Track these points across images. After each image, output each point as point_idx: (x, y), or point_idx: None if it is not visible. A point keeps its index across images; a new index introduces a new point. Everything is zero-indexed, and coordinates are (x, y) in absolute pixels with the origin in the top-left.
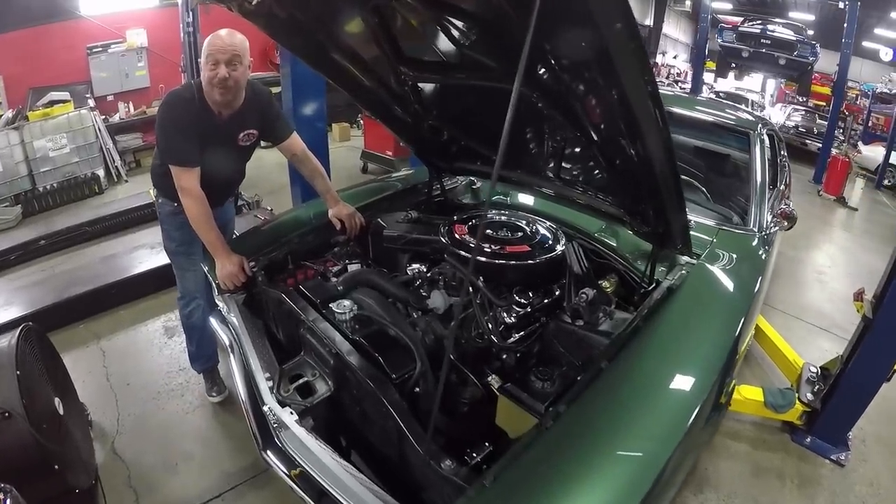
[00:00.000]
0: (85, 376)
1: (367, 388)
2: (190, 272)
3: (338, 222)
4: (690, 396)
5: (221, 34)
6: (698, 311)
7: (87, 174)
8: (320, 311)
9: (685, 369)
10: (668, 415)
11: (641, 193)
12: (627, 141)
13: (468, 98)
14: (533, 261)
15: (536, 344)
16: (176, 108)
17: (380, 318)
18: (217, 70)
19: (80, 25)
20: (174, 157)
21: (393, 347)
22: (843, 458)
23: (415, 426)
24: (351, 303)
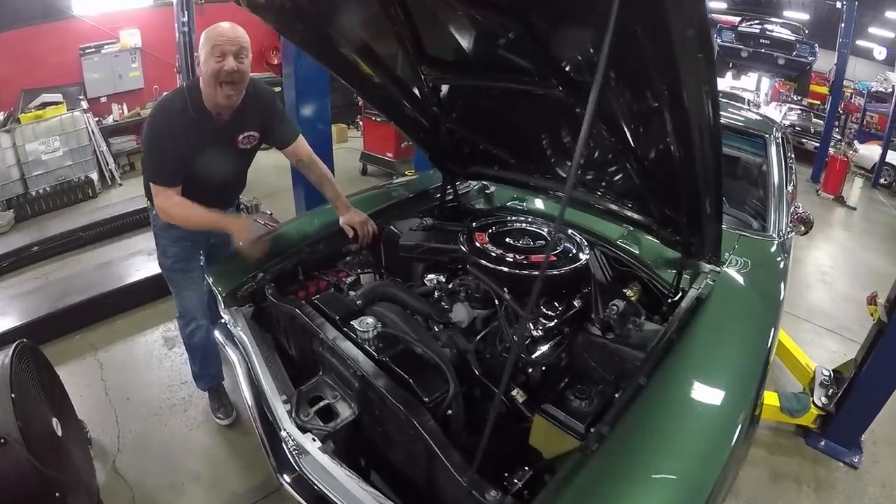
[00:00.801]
0: (82, 390)
1: (397, 413)
2: (189, 291)
3: (350, 230)
4: (733, 413)
5: (225, 26)
6: (730, 321)
7: (81, 178)
8: (341, 328)
9: (725, 384)
10: (712, 433)
11: (679, 203)
12: (676, 149)
13: (491, 100)
14: (559, 271)
15: (564, 357)
16: (164, 123)
17: (406, 336)
18: (225, 62)
19: (73, 26)
20: (154, 177)
21: (422, 368)
22: (856, 461)
23: (453, 454)
24: (374, 320)
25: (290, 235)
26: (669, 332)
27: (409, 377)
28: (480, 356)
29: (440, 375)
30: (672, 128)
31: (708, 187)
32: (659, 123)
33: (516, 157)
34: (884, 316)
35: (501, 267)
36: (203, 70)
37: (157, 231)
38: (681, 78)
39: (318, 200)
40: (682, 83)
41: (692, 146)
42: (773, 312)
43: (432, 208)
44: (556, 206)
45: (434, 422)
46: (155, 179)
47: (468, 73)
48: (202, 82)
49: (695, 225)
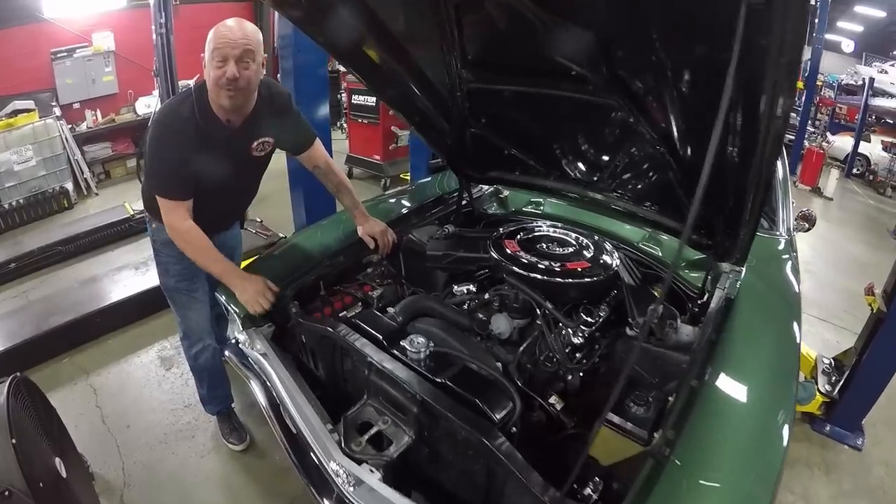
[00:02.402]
0: (77, 419)
1: (467, 436)
2: (193, 311)
3: (370, 240)
4: (781, 410)
5: (229, 24)
6: (761, 320)
7: (56, 188)
8: (389, 350)
9: (770, 383)
10: (768, 433)
11: (721, 208)
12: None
13: (526, 106)
14: (595, 277)
15: (603, 363)
16: (171, 129)
17: (459, 354)
18: (225, 68)
19: (44, 29)
20: (162, 190)
21: (484, 387)
22: (859, 443)
23: (532, 474)
24: (425, 339)
25: (307, 247)
26: (707, 333)
27: (475, 398)
28: (522, 367)
29: (503, 392)
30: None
31: (758, 193)
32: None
33: (543, 161)
34: (883, 306)
35: (538, 275)
36: (206, 73)
37: (157, 248)
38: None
39: (318, 206)
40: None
41: (754, 153)
42: (795, 308)
43: (448, 214)
44: (576, 211)
45: (508, 442)
46: (164, 192)
47: (515, 80)
48: (209, 88)
49: (732, 229)
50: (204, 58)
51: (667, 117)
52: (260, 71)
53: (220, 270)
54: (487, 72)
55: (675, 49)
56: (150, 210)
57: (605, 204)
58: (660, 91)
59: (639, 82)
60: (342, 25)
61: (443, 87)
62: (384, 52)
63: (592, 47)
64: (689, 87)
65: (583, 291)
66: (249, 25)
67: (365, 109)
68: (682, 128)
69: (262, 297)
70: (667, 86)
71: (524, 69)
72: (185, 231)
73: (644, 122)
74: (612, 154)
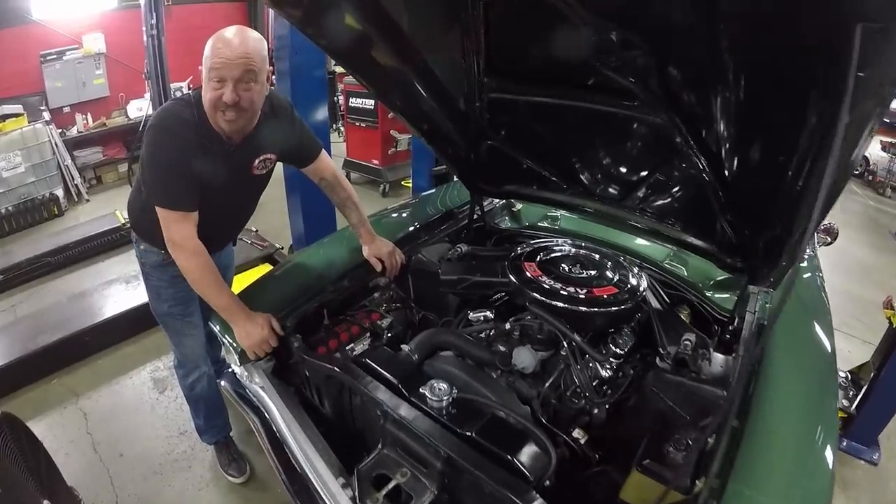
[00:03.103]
0: (67, 446)
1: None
2: (189, 337)
3: (377, 262)
4: (827, 445)
5: (228, 36)
6: (798, 345)
7: (45, 195)
8: (408, 397)
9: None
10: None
11: (764, 231)
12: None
13: (552, 118)
14: (623, 305)
15: (632, 396)
16: (172, 136)
17: (486, 401)
18: (222, 90)
19: (32, 31)
20: (166, 200)
21: (516, 440)
22: (875, 458)
23: None
24: (447, 386)
25: (308, 270)
26: (743, 363)
27: (507, 454)
28: (546, 402)
29: (537, 445)
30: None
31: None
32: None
33: (565, 176)
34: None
35: (562, 303)
36: (203, 91)
37: (147, 271)
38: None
39: (316, 214)
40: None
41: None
42: (828, 328)
43: (459, 230)
44: (595, 226)
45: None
46: (167, 202)
47: (545, 90)
48: (204, 102)
49: (773, 253)
50: (202, 71)
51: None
52: (264, 89)
53: (222, 305)
54: (514, 80)
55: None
56: (138, 229)
57: (630, 221)
58: (719, 111)
59: (695, 100)
60: (348, 26)
61: (459, 95)
62: (395, 57)
63: (647, 59)
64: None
65: (610, 320)
66: (252, 37)
67: (363, 112)
68: (738, 150)
69: (265, 345)
70: (729, 105)
71: (558, 79)
72: (192, 252)
73: (692, 142)
74: (646, 172)
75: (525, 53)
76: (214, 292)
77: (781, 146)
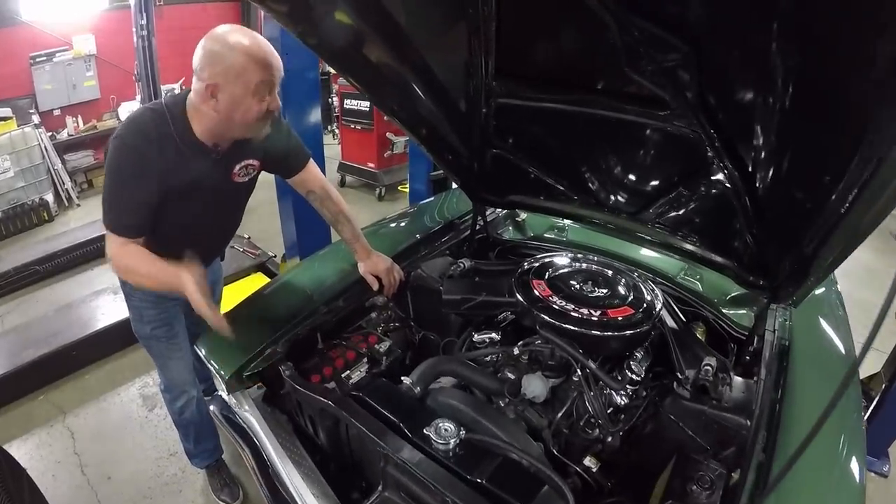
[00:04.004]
0: (53, 468)
1: None
2: (174, 360)
3: (374, 280)
4: (858, 476)
5: (260, 44)
6: (822, 371)
7: (35, 200)
8: (411, 439)
9: (843, 450)
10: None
11: (794, 250)
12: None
13: (570, 127)
14: (640, 328)
15: (648, 423)
16: (135, 155)
17: (497, 443)
18: (272, 100)
19: (22, 32)
20: (114, 222)
21: (531, 487)
22: (885, 470)
23: None
24: (454, 426)
25: (300, 289)
26: (766, 389)
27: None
28: (557, 432)
29: (554, 490)
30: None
31: (852, 243)
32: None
33: (576, 187)
34: None
35: (575, 327)
36: (233, 110)
37: (128, 291)
38: None
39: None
40: None
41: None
42: (849, 344)
43: (460, 243)
44: (604, 238)
45: None
46: (115, 227)
47: (561, 96)
48: (217, 121)
49: (801, 272)
50: (216, 86)
51: (757, 151)
52: None
53: (168, 279)
54: (526, 84)
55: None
56: None
57: (644, 234)
58: (760, 123)
59: (734, 110)
60: (341, 24)
61: (463, 100)
62: (393, 57)
63: (686, 64)
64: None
65: (626, 343)
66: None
67: (358, 114)
68: (776, 164)
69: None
70: (772, 117)
71: (578, 84)
72: (125, 255)
73: (724, 154)
74: (667, 184)
75: (541, 54)
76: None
77: (829, 166)
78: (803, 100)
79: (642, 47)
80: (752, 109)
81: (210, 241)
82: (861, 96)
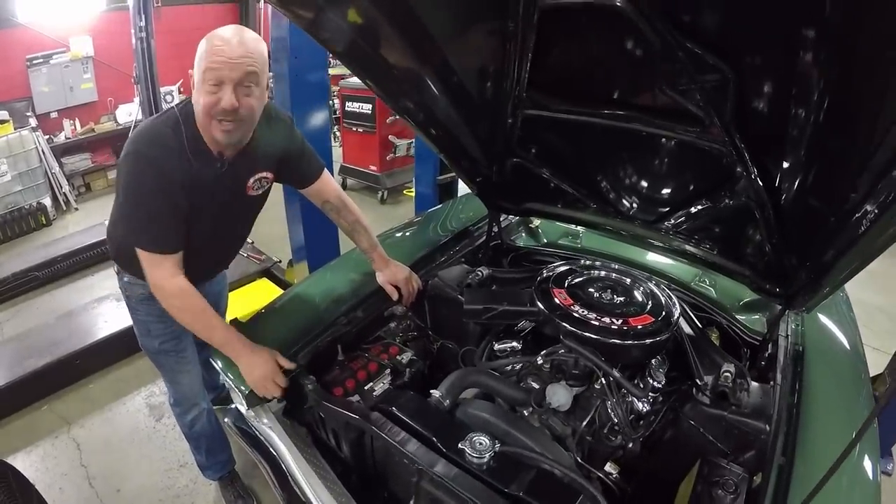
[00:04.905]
0: (60, 481)
1: None
2: (184, 374)
3: (393, 290)
4: (872, 474)
5: (226, 36)
6: (835, 374)
7: (33, 204)
8: (445, 453)
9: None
10: None
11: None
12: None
13: (595, 139)
14: (660, 337)
15: (668, 429)
16: (151, 164)
17: (531, 454)
18: (219, 94)
19: (18, 34)
20: (145, 240)
21: (567, 496)
22: (889, 468)
23: None
24: (489, 440)
25: (317, 300)
26: (783, 393)
27: None
28: (580, 439)
29: (587, 497)
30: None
31: (872, 252)
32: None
33: (595, 196)
34: None
35: (597, 335)
36: (194, 96)
37: (133, 304)
38: None
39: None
40: None
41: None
42: (859, 346)
43: (475, 250)
44: (617, 244)
45: None
46: (148, 244)
47: (591, 110)
48: (195, 110)
49: (817, 281)
50: (192, 76)
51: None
52: (265, 96)
53: (222, 340)
54: (558, 98)
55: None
56: (120, 259)
57: (660, 243)
58: (791, 139)
59: (768, 127)
60: (369, 34)
61: (489, 109)
62: (421, 63)
63: (724, 83)
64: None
65: (646, 351)
66: (251, 36)
67: (360, 117)
68: (804, 178)
69: (270, 383)
70: (804, 134)
71: (611, 100)
72: (176, 293)
73: (753, 169)
74: (691, 195)
75: (577, 69)
76: (210, 331)
77: (854, 182)
78: (835, 117)
79: (683, 66)
80: (784, 126)
81: (220, 254)
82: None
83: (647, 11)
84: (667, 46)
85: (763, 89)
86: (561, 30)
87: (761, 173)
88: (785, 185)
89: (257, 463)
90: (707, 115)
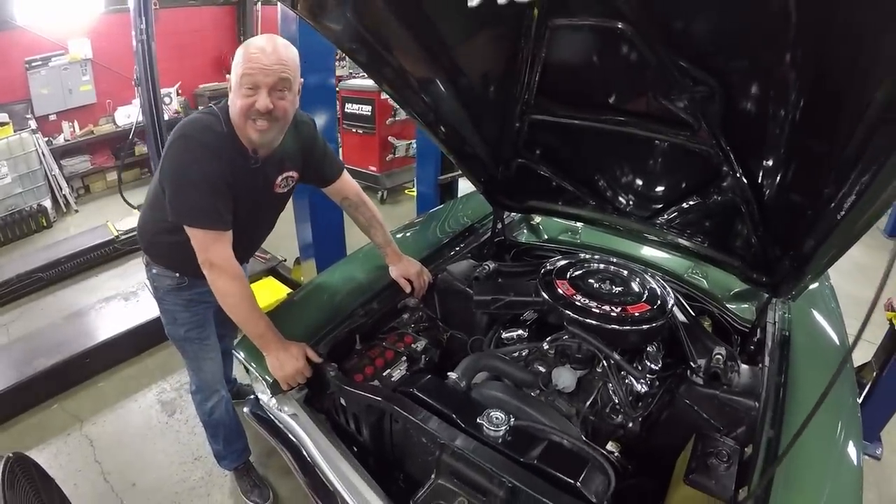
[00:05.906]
0: (75, 477)
1: None
2: (207, 361)
3: (406, 283)
4: (855, 450)
5: (261, 44)
6: (820, 354)
7: (33, 206)
8: (464, 428)
9: (842, 420)
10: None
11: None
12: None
13: (596, 142)
14: (656, 322)
15: (666, 409)
16: (203, 146)
17: (542, 427)
18: (255, 97)
19: (17, 37)
20: (200, 219)
21: (577, 464)
22: (878, 453)
23: None
24: (504, 415)
25: (335, 293)
26: (770, 373)
27: (571, 479)
28: (584, 419)
29: (596, 468)
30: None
31: (849, 241)
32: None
33: (595, 194)
34: None
35: (599, 322)
36: (231, 98)
37: (161, 295)
38: None
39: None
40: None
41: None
42: (842, 334)
43: (480, 246)
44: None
45: None
46: (203, 221)
47: (592, 115)
48: (231, 112)
49: (800, 270)
50: (230, 80)
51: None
52: (297, 100)
53: (258, 333)
54: (563, 103)
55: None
56: (152, 252)
57: (655, 237)
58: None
59: (750, 132)
60: (392, 46)
61: (497, 111)
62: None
63: (712, 95)
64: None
65: (643, 337)
66: (283, 43)
67: (359, 118)
68: (784, 175)
69: (300, 376)
70: (782, 136)
71: (611, 107)
72: (232, 275)
73: (737, 168)
74: (682, 193)
75: (583, 80)
76: (252, 320)
77: (830, 175)
78: (809, 122)
79: (675, 79)
80: (765, 130)
81: (243, 249)
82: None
83: (645, 32)
84: (661, 62)
85: (745, 98)
86: (568, 45)
87: (745, 172)
88: (767, 182)
89: (278, 450)
90: (696, 121)
